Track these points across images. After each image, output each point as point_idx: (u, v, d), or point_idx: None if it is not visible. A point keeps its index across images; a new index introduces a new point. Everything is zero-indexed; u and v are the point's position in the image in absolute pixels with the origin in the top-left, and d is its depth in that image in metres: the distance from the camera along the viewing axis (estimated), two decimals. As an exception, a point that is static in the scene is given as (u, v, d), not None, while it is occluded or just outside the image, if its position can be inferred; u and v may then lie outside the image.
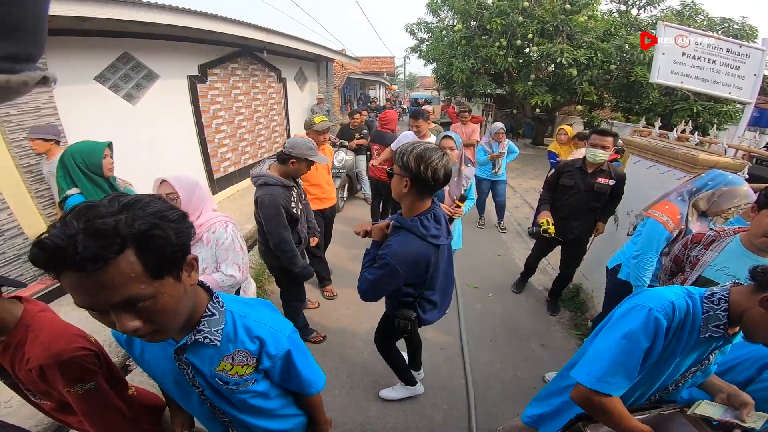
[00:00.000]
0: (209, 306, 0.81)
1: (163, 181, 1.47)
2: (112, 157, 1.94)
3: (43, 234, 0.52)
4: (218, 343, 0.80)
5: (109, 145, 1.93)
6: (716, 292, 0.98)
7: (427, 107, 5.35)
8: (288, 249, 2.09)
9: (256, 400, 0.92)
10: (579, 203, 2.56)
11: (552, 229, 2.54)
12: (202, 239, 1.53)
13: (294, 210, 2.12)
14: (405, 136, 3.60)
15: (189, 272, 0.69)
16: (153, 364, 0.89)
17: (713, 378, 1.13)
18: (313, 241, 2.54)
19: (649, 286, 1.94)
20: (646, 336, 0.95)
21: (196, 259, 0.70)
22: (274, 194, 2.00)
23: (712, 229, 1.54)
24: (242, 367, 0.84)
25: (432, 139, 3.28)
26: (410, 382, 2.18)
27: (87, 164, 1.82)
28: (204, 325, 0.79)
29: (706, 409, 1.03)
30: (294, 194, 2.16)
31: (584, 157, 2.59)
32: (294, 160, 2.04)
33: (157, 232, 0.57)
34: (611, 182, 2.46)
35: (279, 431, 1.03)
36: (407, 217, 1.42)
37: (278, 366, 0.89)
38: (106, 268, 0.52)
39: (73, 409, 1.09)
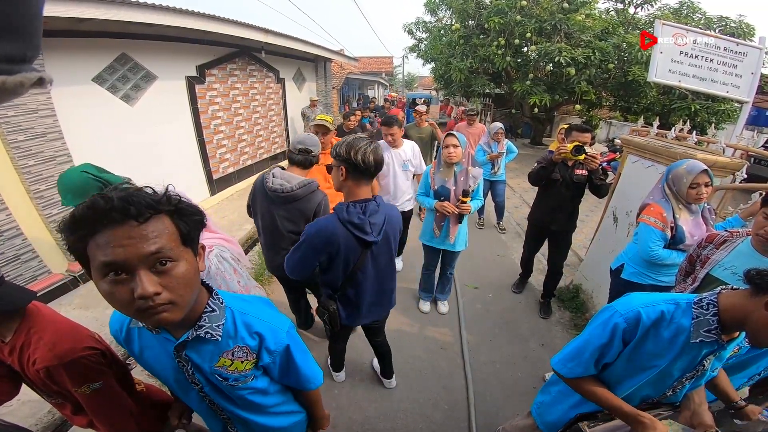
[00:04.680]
0: (209, 302, 0.82)
1: None
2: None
3: (79, 207, 0.60)
4: (219, 338, 0.81)
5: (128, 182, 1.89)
6: (704, 297, 0.97)
7: (421, 108, 4.55)
8: None
9: (255, 397, 0.93)
10: (564, 195, 2.73)
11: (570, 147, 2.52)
12: None
13: None
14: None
15: (201, 257, 0.76)
16: (152, 362, 0.89)
17: (695, 392, 1.11)
18: None
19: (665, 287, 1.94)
20: (602, 333, 1.05)
21: (203, 247, 0.77)
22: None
23: (726, 230, 1.55)
24: (242, 362, 0.85)
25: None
26: (334, 368, 2.35)
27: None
28: (205, 320, 0.80)
29: None
30: None
31: None
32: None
33: (184, 205, 0.69)
34: (585, 173, 2.65)
35: (278, 428, 1.04)
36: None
37: (278, 361, 0.90)
38: (149, 220, 0.63)
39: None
